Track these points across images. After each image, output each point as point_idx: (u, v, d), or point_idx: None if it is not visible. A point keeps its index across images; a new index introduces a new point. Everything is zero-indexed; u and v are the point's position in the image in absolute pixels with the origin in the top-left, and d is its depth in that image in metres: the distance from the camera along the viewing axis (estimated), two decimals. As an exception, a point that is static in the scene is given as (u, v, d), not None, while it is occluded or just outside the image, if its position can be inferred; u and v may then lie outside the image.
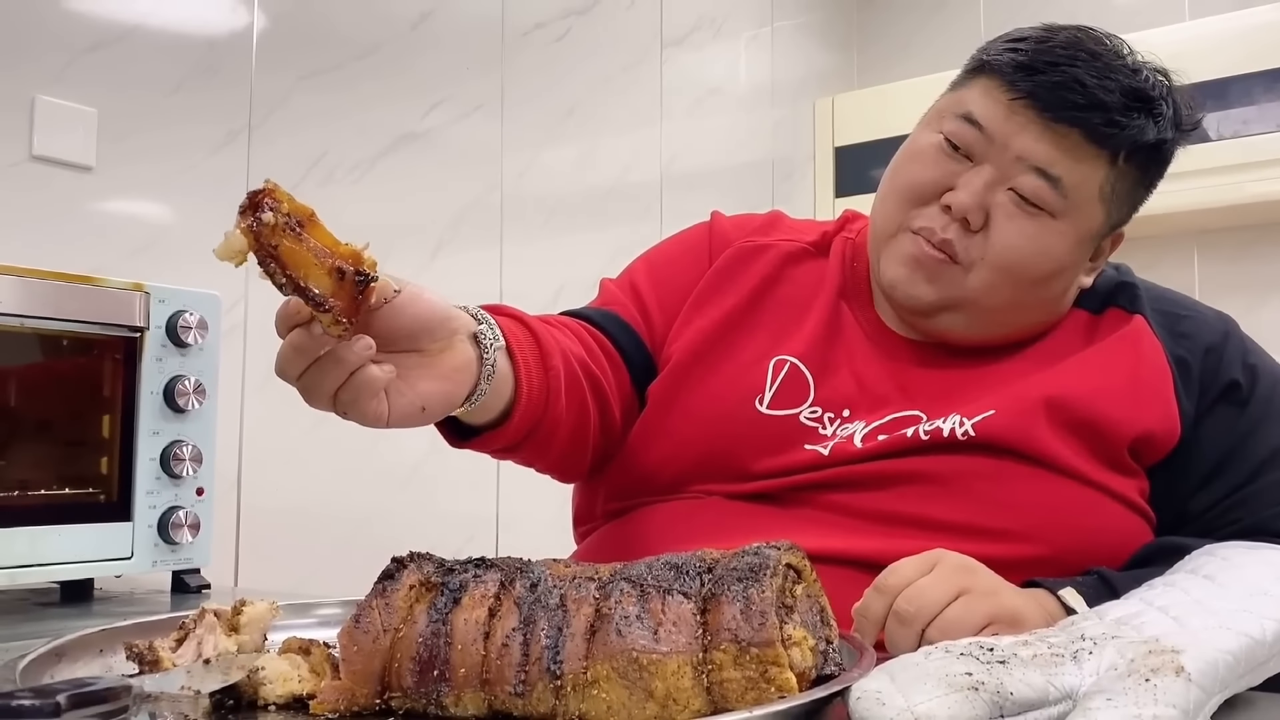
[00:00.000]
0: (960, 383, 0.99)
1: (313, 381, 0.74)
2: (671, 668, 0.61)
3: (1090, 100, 0.92)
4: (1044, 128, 0.93)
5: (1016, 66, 0.95)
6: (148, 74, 1.74)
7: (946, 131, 0.97)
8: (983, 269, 0.95)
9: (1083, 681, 0.58)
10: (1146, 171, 0.98)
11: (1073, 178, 0.93)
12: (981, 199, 0.94)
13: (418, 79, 2.18)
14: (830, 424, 0.99)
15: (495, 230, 2.33)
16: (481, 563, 0.70)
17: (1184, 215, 2.79)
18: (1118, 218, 0.99)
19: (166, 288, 1.28)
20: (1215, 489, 0.96)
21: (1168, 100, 0.97)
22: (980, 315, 0.98)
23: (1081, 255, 0.98)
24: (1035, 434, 0.92)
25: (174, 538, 1.27)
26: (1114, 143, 0.93)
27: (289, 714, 0.66)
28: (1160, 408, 0.95)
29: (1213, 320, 1.03)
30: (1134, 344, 0.98)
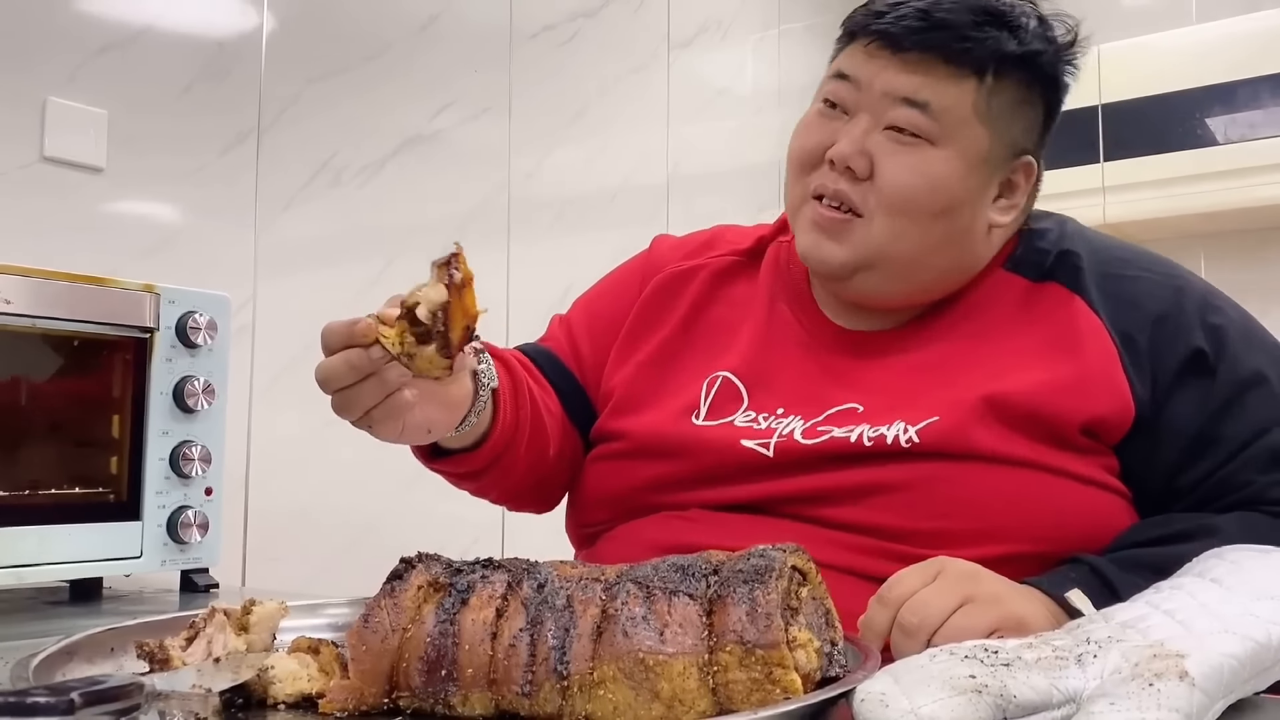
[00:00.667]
0: (899, 372, 0.98)
1: (354, 397, 0.81)
2: (677, 669, 0.61)
3: (935, 23, 0.93)
4: (901, 60, 0.94)
5: (866, 15, 0.98)
6: (158, 76, 1.75)
7: (824, 95, 1.00)
8: (880, 214, 0.95)
9: (1086, 685, 0.58)
10: (1029, 87, 0.96)
11: (941, 101, 0.93)
12: (859, 144, 0.95)
13: (426, 81, 2.19)
14: (764, 421, 0.98)
15: (503, 231, 2.34)
16: (489, 563, 0.70)
17: (1190, 219, 2.80)
18: (1010, 140, 0.97)
19: (176, 289, 1.29)
20: (1202, 464, 0.93)
21: (1029, 15, 0.96)
22: (895, 268, 0.97)
23: (979, 183, 0.96)
24: (979, 435, 0.91)
25: (183, 537, 1.28)
26: (971, 59, 0.93)
27: (298, 713, 0.66)
28: (1107, 393, 0.92)
29: (1162, 280, 0.99)
30: (1074, 330, 0.95)
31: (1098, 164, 2.82)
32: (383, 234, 2.10)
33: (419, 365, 0.77)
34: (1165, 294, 0.97)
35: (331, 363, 0.80)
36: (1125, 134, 2.80)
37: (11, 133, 1.58)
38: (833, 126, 0.98)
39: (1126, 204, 2.80)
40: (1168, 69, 2.77)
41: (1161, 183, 2.74)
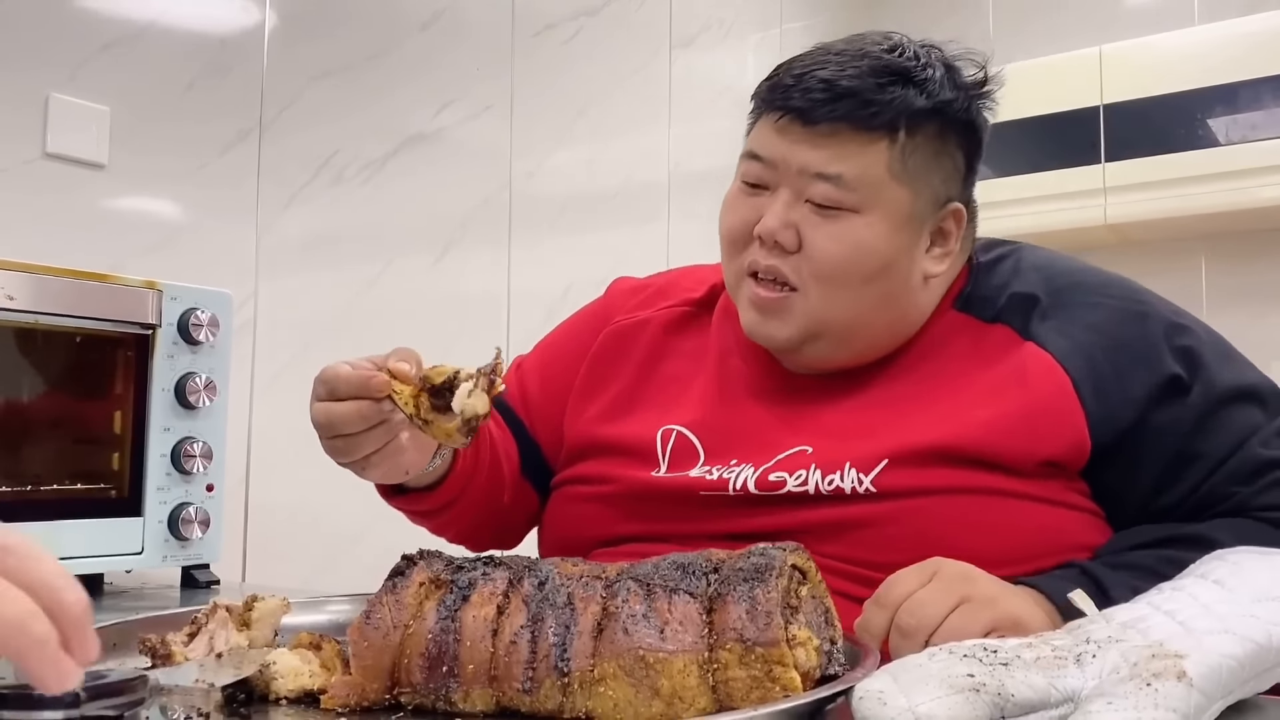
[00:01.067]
0: (849, 411, 0.98)
1: (358, 442, 0.84)
2: (677, 666, 0.62)
3: (841, 92, 0.93)
4: (811, 134, 0.94)
5: (771, 89, 0.98)
6: (160, 72, 1.75)
7: (742, 175, 1.00)
8: (813, 285, 0.95)
9: (1085, 684, 0.58)
10: (943, 138, 0.96)
11: (856, 170, 0.93)
12: (784, 218, 0.94)
13: (428, 79, 2.19)
14: (716, 472, 0.98)
15: (504, 230, 2.34)
16: (490, 561, 0.71)
17: (1191, 220, 2.80)
18: (932, 193, 0.96)
19: (179, 285, 1.29)
20: (1184, 483, 0.93)
21: (934, 65, 0.96)
22: (838, 335, 0.97)
23: (907, 241, 0.96)
24: (931, 476, 0.92)
25: (184, 533, 1.28)
26: (880, 121, 0.93)
27: (300, 708, 0.66)
28: (1058, 429, 0.92)
29: (1124, 306, 0.98)
30: (1022, 369, 0.94)
31: (1099, 164, 2.82)
32: (384, 232, 2.11)
33: (434, 433, 0.80)
34: (1129, 320, 0.96)
35: (342, 410, 0.82)
36: (1127, 134, 2.80)
37: (14, 129, 1.58)
38: (756, 202, 0.97)
39: (1127, 205, 2.80)
40: (1170, 69, 2.77)
41: (1163, 183, 2.74)
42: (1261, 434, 0.93)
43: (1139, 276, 1.05)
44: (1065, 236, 2.88)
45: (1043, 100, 2.91)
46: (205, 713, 0.65)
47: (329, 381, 0.83)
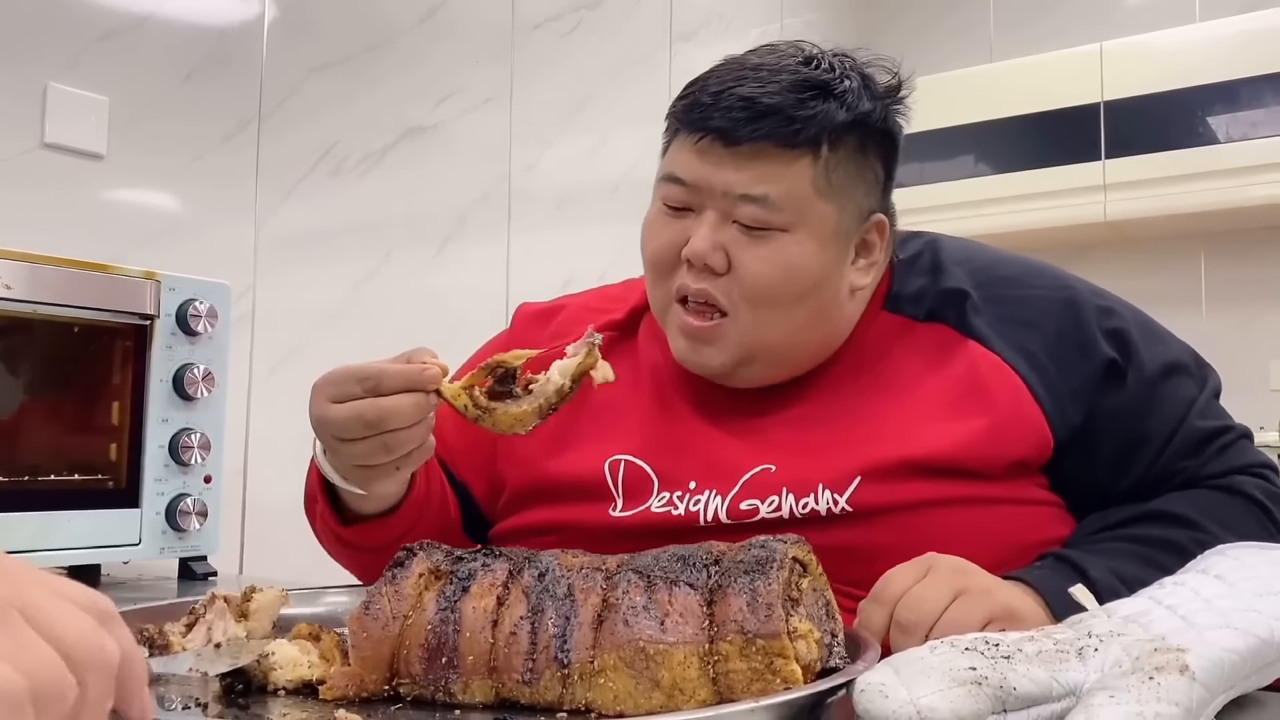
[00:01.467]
0: (803, 426, 0.97)
1: (406, 437, 0.82)
2: (678, 658, 0.62)
3: (763, 110, 0.90)
4: (733, 155, 0.92)
5: (688, 109, 0.95)
6: (159, 63, 1.74)
7: (662, 198, 0.97)
8: (744, 308, 0.93)
9: (1087, 678, 0.58)
10: (863, 151, 0.95)
11: (781, 189, 0.91)
12: (712, 241, 0.92)
13: (427, 71, 2.18)
14: (681, 504, 0.96)
15: (503, 223, 2.34)
16: (490, 552, 0.70)
17: (1191, 218, 2.80)
18: (856, 206, 0.95)
19: (177, 276, 1.29)
20: (1136, 466, 0.94)
21: (850, 76, 0.94)
22: (771, 356, 0.96)
23: (835, 256, 0.95)
24: (906, 491, 0.91)
25: (182, 525, 1.28)
26: (804, 138, 0.91)
27: (298, 699, 0.66)
28: (1023, 434, 0.92)
29: (1050, 293, 0.98)
30: (977, 377, 0.94)
31: (1099, 161, 2.82)
32: (383, 225, 2.10)
33: (496, 420, 0.80)
34: (1058, 308, 0.96)
35: (395, 403, 0.80)
36: (1127, 131, 2.79)
37: (12, 119, 1.57)
38: (681, 225, 0.95)
39: (1127, 202, 2.79)
40: (1170, 67, 2.77)
41: (1162, 181, 2.74)
42: (1196, 406, 0.96)
43: (1138, 274, 1.05)
44: (1064, 233, 2.88)
45: (1043, 97, 2.90)
46: (203, 703, 0.64)
47: (371, 377, 0.81)
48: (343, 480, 0.89)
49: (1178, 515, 0.91)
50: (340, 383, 0.82)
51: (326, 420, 0.83)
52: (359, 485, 0.89)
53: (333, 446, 0.85)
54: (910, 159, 3.23)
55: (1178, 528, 0.91)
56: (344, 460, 0.86)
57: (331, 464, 0.90)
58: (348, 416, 0.81)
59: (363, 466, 0.85)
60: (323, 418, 0.83)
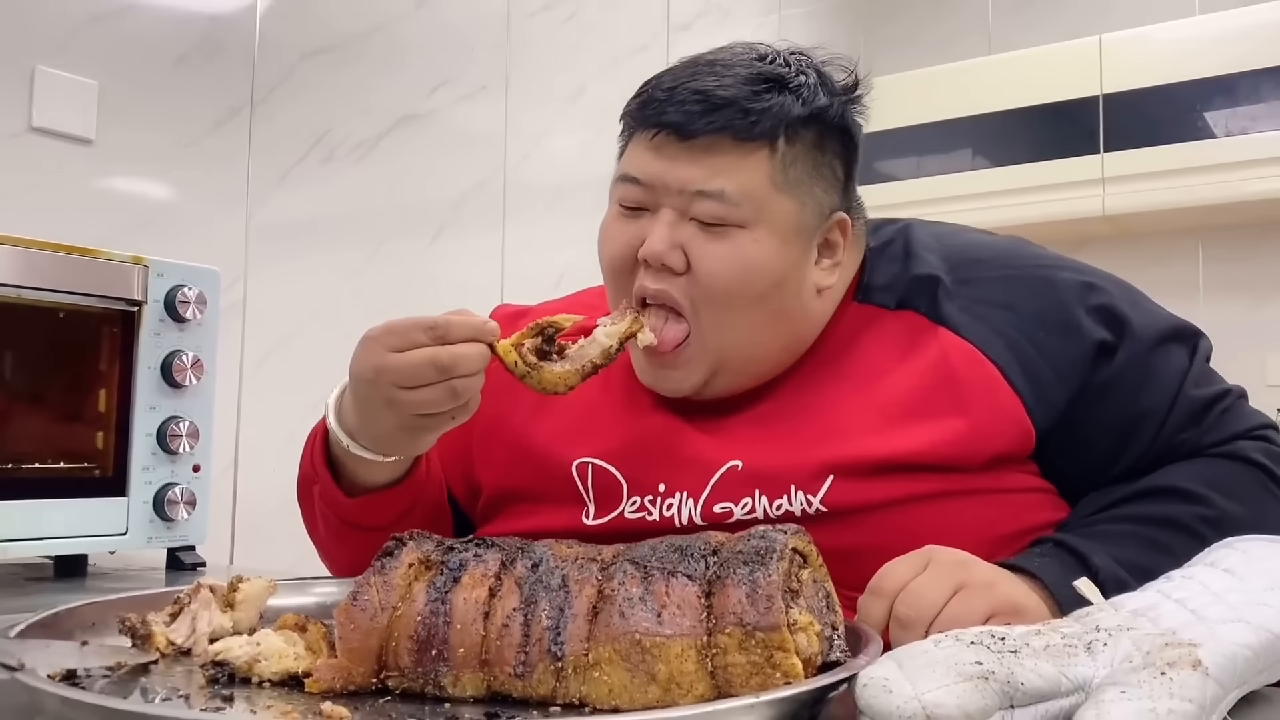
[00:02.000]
0: (769, 419, 0.95)
1: (469, 385, 0.83)
2: (675, 651, 0.60)
3: (715, 103, 0.89)
4: (689, 150, 0.90)
5: (643, 105, 0.93)
6: (149, 47, 1.72)
7: (618, 199, 0.95)
8: (704, 309, 0.91)
9: (1096, 673, 0.57)
10: (820, 147, 0.93)
11: (738, 184, 0.89)
12: (669, 239, 0.90)
13: (422, 59, 2.16)
14: (654, 509, 0.94)
15: (498, 214, 2.32)
16: (482, 542, 0.69)
17: (1189, 212, 2.79)
18: (815, 203, 0.93)
19: (165, 261, 1.27)
20: (1136, 443, 0.92)
21: (806, 72, 0.93)
22: (738, 363, 0.94)
23: (796, 254, 0.92)
24: (881, 489, 0.89)
25: (170, 514, 1.26)
26: (759, 131, 0.89)
27: (283, 691, 0.64)
28: (1000, 428, 0.90)
29: (1027, 274, 0.95)
30: (949, 368, 0.91)
31: (1098, 155, 2.81)
32: (376, 214, 2.08)
33: (545, 378, 0.85)
34: (1038, 288, 0.94)
35: (467, 350, 0.82)
36: (1126, 125, 2.78)
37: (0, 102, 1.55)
38: (638, 225, 0.93)
39: (1125, 195, 2.78)
40: (1169, 60, 2.76)
41: (1161, 174, 2.73)
42: (1191, 374, 0.93)
43: (1136, 267, 1.03)
44: (1063, 227, 2.87)
45: (1041, 89, 2.89)
46: (185, 694, 0.63)
47: (438, 325, 0.82)
48: (361, 447, 0.90)
49: (1179, 489, 0.89)
50: (403, 332, 0.82)
51: (388, 368, 0.82)
52: (394, 445, 0.89)
53: (392, 398, 0.83)
54: (907, 152, 3.21)
55: (1180, 502, 0.88)
56: (405, 411, 0.84)
57: (367, 424, 0.88)
58: (419, 361, 0.81)
59: (420, 416, 0.84)
60: (383, 366, 0.82)
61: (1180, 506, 0.88)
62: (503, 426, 1.02)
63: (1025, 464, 0.93)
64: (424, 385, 0.82)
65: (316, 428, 0.99)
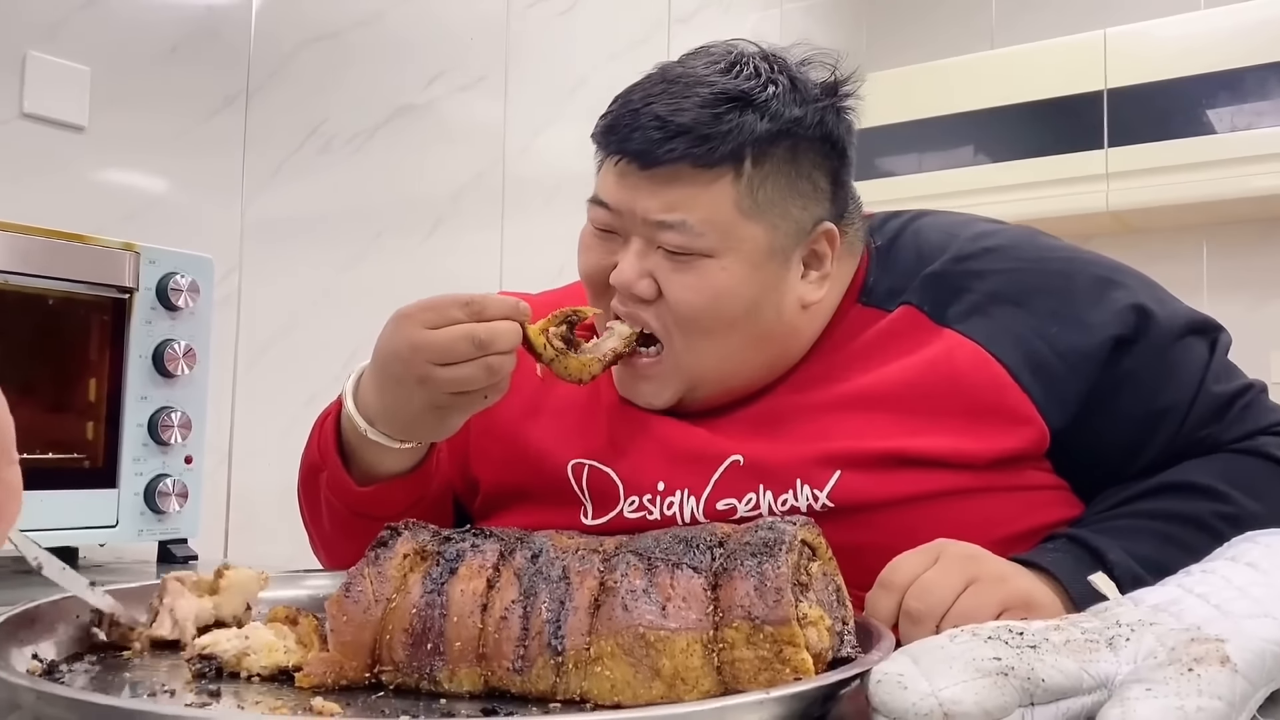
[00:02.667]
0: (768, 411, 0.92)
1: (501, 363, 0.82)
2: (680, 645, 0.58)
3: (675, 130, 0.86)
4: (650, 179, 0.87)
5: (606, 130, 0.91)
6: (143, 33, 1.69)
7: (591, 219, 0.94)
8: (677, 334, 0.89)
9: (1119, 669, 0.54)
10: (795, 162, 0.89)
11: (700, 214, 0.86)
12: (638, 269, 0.88)
13: (419, 49, 2.13)
14: (654, 505, 0.92)
15: (496, 207, 2.29)
16: (480, 532, 0.67)
17: (1193, 208, 2.76)
18: (791, 223, 0.89)
19: (157, 248, 1.25)
20: (1158, 438, 0.89)
21: (777, 81, 0.89)
22: (714, 381, 0.92)
23: (770, 278, 0.89)
24: (889, 485, 0.87)
25: (161, 506, 1.23)
26: (720, 156, 0.86)
27: (273, 686, 0.62)
28: (1011, 428, 0.87)
29: (1042, 265, 0.92)
30: (952, 368, 0.88)
31: (1102, 150, 2.78)
32: (372, 206, 2.05)
33: (570, 364, 0.86)
34: (1051, 281, 0.91)
35: (505, 328, 0.82)
36: (1130, 120, 2.76)
37: (-10, 87, 1.52)
38: (611, 247, 0.91)
39: (1130, 191, 2.76)
40: (1175, 55, 2.73)
41: (1165, 170, 2.70)
42: (1212, 369, 0.91)
43: (1140, 263, 0.99)
44: (1066, 223, 2.84)
45: (1045, 84, 2.86)
46: (170, 689, 0.60)
47: (475, 302, 0.81)
48: (379, 433, 0.88)
49: (1198, 485, 0.86)
50: (439, 309, 0.81)
51: (424, 344, 0.81)
52: (421, 428, 0.87)
53: (426, 375, 0.82)
54: (908, 147, 3.19)
55: (1199, 499, 0.86)
56: (439, 388, 0.82)
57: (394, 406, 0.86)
58: (456, 337, 0.80)
59: (454, 395, 0.83)
60: (420, 343, 0.81)
61: (1199, 503, 0.85)
62: (497, 423, 1.00)
63: (1038, 461, 0.90)
64: (460, 361, 0.81)
65: (326, 414, 0.97)
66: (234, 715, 0.49)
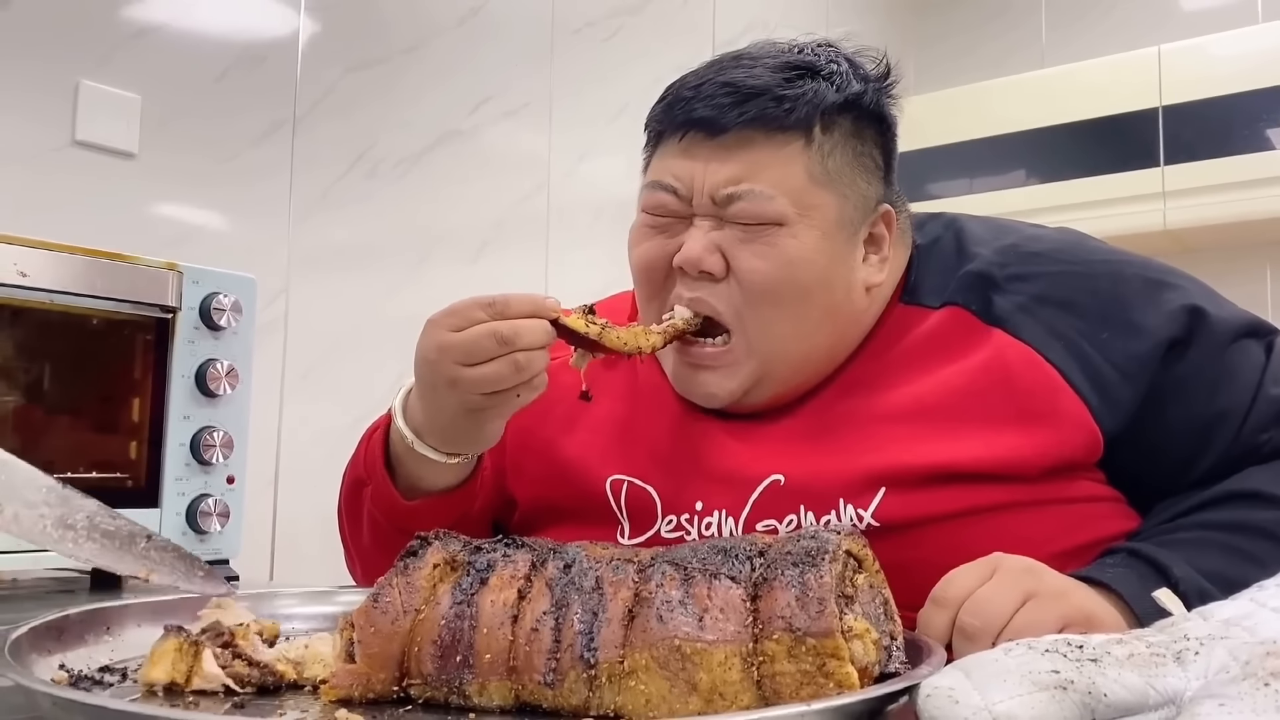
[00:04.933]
0: (813, 428, 0.89)
1: (531, 360, 0.80)
2: (718, 658, 0.55)
3: (748, 93, 0.85)
4: (721, 148, 0.86)
5: (669, 107, 0.89)
6: (193, 62, 1.72)
7: (646, 207, 0.91)
8: (748, 314, 0.87)
9: (1188, 685, 0.51)
10: (859, 136, 0.89)
11: (773, 180, 0.85)
12: (706, 244, 0.86)
13: (465, 75, 2.15)
14: (691, 525, 0.90)
15: (541, 232, 2.29)
16: (511, 542, 0.65)
17: (1255, 225, 2.69)
18: (858, 197, 0.89)
19: (200, 268, 1.25)
20: (1215, 445, 0.85)
21: (837, 60, 0.90)
22: (783, 370, 0.89)
23: (840, 251, 0.88)
24: (935, 502, 0.84)
25: (203, 526, 1.23)
26: (794, 120, 0.85)
27: (301, 695, 0.60)
28: (1064, 435, 0.84)
29: (1091, 268, 0.89)
30: (1006, 372, 0.85)
31: (1157, 168, 2.73)
32: (418, 231, 2.06)
33: (623, 334, 0.83)
34: (1100, 285, 0.88)
35: (530, 324, 0.80)
36: (1186, 137, 2.70)
37: (42, 115, 1.55)
38: (669, 235, 0.89)
39: (1187, 209, 2.69)
40: (1231, 70, 2.67)
41: (1224, 187, 2.64)
42: (1270, 371, 0.87)
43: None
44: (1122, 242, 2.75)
45: (1098, 102, 2.82)
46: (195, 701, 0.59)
47: (496, 302, 0.80)
48: (427, 446, 0.87)
49: (1264, 493, 0.82)
50: (462, 311, 0.80)
51: (450, 345, 0.80)
52: (460, 434, 0.86)
53: (455, 377, 0.80)
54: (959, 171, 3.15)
55: (1265, 507, 0.81)
56: (468, 389, 0.81)
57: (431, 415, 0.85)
58: (479, 335, 0.79)
59: (485, 395, 0.81)
60: (445, 344, 0.80)
61: (1265, 512, 0.81)
62: (533, 438, 0.99)
63: (1091, 471, 0.87)
64: (486, 361, 0.79)
65: (374, 428, 0.96)
66: (254, 725, 0.47)
